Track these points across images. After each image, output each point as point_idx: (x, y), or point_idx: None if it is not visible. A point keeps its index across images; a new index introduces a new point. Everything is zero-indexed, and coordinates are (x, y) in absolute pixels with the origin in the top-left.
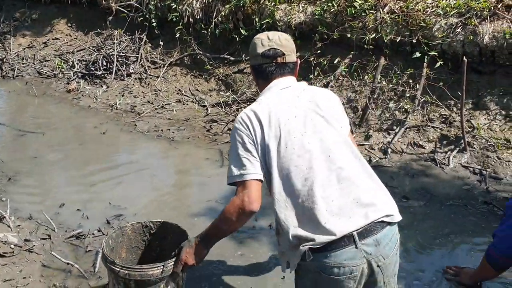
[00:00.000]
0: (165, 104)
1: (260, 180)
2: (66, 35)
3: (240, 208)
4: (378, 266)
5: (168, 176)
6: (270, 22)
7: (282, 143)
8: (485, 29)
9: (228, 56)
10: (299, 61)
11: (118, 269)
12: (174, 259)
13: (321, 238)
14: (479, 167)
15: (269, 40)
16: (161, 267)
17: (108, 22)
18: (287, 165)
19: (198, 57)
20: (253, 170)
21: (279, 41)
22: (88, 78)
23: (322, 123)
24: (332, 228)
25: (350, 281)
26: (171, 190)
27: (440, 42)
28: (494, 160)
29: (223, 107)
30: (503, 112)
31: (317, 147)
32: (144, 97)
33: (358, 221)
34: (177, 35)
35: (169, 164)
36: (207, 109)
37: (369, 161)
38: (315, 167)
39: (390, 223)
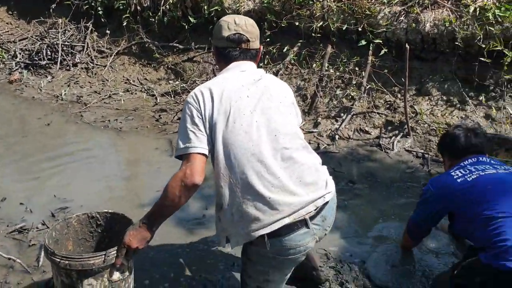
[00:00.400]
0: (113, 94)
1: (205, 155)
2: (7, 23)
3: (183, 180)
4: (325, 234)
5: (116, 167)
6: (219, 10)
7: (231, 119)
8: (426, 17)
9: (177, 45)
10: (261, 48)
11: (59, 260)
12: (116, 248)
13: (268, 218)
14: (422, 151)
15: (236, 25)
16: (103, 256)
17: (51, 10)
18: (233, 141)
19: (147, 45)
20: (198, 144)
21: (245, 27)
22: (31, 69)
23: (272, 107)
24: (276, 206)
25: (302, 256)
26: (119, 181)
27: (385, 30)
28: (436, 144)
29: (173, 96)
30: (444, 98)
31: (264, 126)
32: (90, 87)
33: (303, 198)
34: (124, 24)
35: (117, 155)
36: (156, 98)
37: (318, 148)
38: (262, 144)
39: (331, 196)
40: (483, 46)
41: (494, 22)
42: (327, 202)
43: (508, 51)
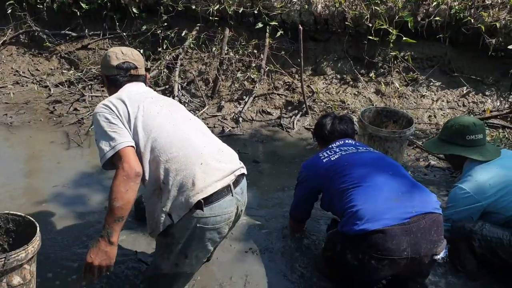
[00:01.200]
0: (1, 87)
1: (133, 146)
2: None
3: (125, 176)
4: (241, 210)
5: (9, 164)
6: None
7: (147, 111)
8: None
9: (70, 32)
10: (148, 75)
11: None
12: (17, 251)
13: (202, 183)
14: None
15: (123, 54)
16: (3, 259)
17: None
18: (156, 127)
19: (36, 34)
20: (123, 139)
21: (132, 56)
22: None
23: (174, 104)
24: (208, 171)
25: (226, 226)
26: (14, 178)
27: (279, 12)
28: None
29: (68, 86)
30: (338, 76)
31: (179, 112)
32: None
33: (227, 165)
34: (9, 11)
35: (9, 152)
36: (49, 89)
37: (223, 131)
38: (181, 125)
39: (244, 174)
40: (371, 25)
41: (379, 2)
42: (243, 175)
43: (392, 29)
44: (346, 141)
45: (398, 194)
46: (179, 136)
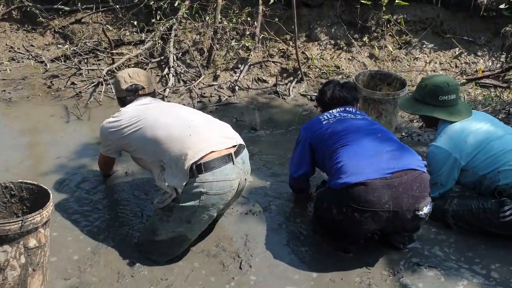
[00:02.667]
0: None
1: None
2: None
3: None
4: (245, 179)
5: (12, 138)
6: None
7: (152, 108)
8: None
9: (62, 6)
10: (156, 91)
11: None
12: (33, 214)
13: (195, 152)
14: (315, 94)
15: (131, 78)
16: (20, 221)
17: None
18: (153, 121)
19: (29, 9)
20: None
21: (139, 77)
22: None
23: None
24: (199, 140)
25: (229, 193)
26: (18, 151)
27: None
28: None
29: (64, 60)
30: (332, 42)
31: (176, 105)
32: None
33: (227, 143)
34: None
35: (10, 126)
36: (45, 64)
37: (219, 100)
38: (174, 109)
39: (243, 145)
40: None
41: None
42: (242, 146)
43: None
44: (347, 108)
45: (382, 152)
46: (169, 117)
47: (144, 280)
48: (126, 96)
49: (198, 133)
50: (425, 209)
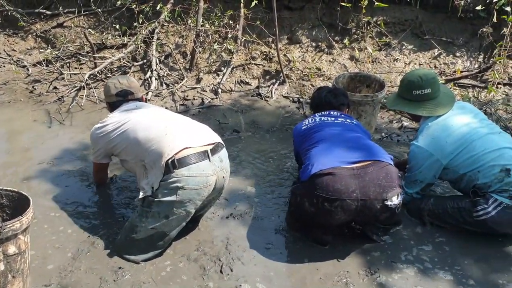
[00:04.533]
0: None
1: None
2: None
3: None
4: (223, 177)
5: None
6: None
7: (143, 109)
8: None
9: (44, 10)
10: (144, 97)
11: None
12: (12, 221)
13: (170, 150)
14: (297, 95)
15: (120, 84)
16: None
17: None
18: (134, 126)
19: (10, 13)
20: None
21: (128, 84)
22: None
23: (165, 110)
24: (174, 138)
25: (205, 189)
26: (1, 156)
27: None
28: (309, 88)
29: (46, 65)
30: (313, 44)
31: (163, 112)
32: None
33: (203, 140)
34: None
35: None
36: (27, 69)
37: (202, 103)
38: (153, 113)
39: (221, 144)
40: None
41: None
42: (220, 145)
43: None
44: (331, 112)
45: (349, 146)
46: (148, 119)
47: (126, 285)
48: (115, 101)
49: (173, 132)
50: (395, 200)
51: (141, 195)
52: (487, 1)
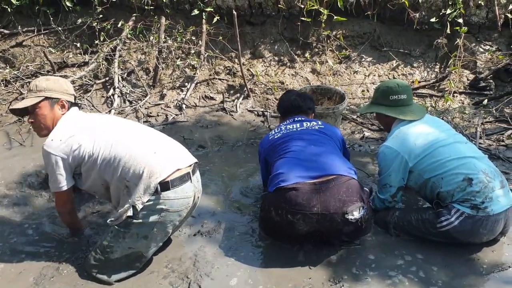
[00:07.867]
0: None
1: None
2: None
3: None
4: (198, 197)
5: None
6: None
7: (105, 119)
8: None
9: (2, 30)
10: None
11: None
12: None
13: (160, 171)
14: (262, 109)
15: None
16: None
17: None
18: (110, 141)
19: None
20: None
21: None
22: None
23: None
24: (162, 158)
25: (186, 210)
26: None
27: None
28: (273, 101)
29: (4, 85)
30: (276, 58)
31: (142, 126)
32: None
33: (187, 161)
34: None
35: None
36: None
37: (166, 119)
38: (129, 128)
39: (197, 164)
40: (302, 6)
41: None
42: (196, 165)
43: (323, 9)
44: (296, 118)
45: (312, 159)
46: (127, 134)
47: None
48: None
49: (161, 153)
50: (356, 214)
51: (118, 216)
52: (441, 13)
